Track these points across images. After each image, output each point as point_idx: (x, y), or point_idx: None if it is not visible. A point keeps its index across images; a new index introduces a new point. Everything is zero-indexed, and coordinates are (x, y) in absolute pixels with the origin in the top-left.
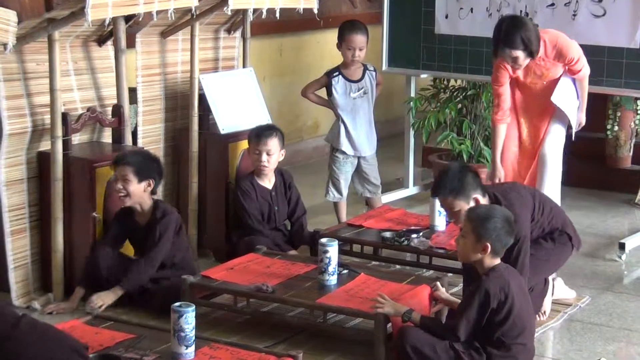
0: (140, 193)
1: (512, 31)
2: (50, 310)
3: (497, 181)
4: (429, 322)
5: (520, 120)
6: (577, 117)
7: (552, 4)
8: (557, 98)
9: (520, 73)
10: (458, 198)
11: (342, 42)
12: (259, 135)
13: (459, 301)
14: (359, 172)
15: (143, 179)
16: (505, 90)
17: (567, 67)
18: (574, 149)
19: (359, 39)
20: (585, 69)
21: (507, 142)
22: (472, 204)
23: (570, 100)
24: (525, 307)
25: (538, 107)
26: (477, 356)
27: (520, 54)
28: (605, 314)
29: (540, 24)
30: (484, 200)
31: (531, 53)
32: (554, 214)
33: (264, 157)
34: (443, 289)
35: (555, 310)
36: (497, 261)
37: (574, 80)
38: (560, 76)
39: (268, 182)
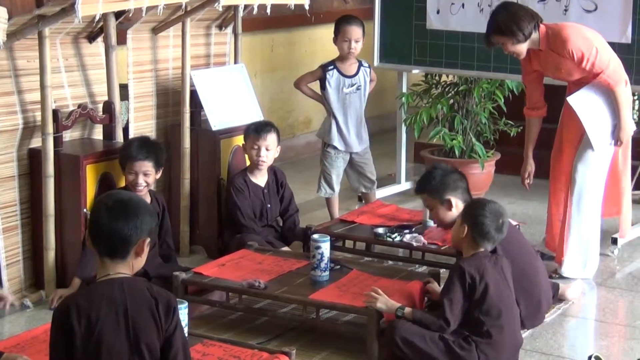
0: (155, 180)
1: (491, 18)
2: (54, 304)
3: (526, 175)
4: (420, 315)
5: (564, 122)
6: (612, 134)
7: None
8: (574, 100)
9: (535, 64)
10: (432, 196)
11: (338, 35)
12: (258, 130)
13: None
14: (354, 168)
15: (159, 168)
16: (530, 82)
17: (587, 68)
18: None
19: (355, 30)
20: (606, 75)
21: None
22: (445, 205)
23: (596, 112)
24: (505, 292)
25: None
26: (466, 345)
27: (502, 39)
28: (598, 309)
29: None
30: (460, 205)
31: (516, 38)
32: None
33: (263, 152)
34: (435, 285)
35: None
36: (481, 250)
37: (605, 93)
38: (585, 78)
39: (261, 179)
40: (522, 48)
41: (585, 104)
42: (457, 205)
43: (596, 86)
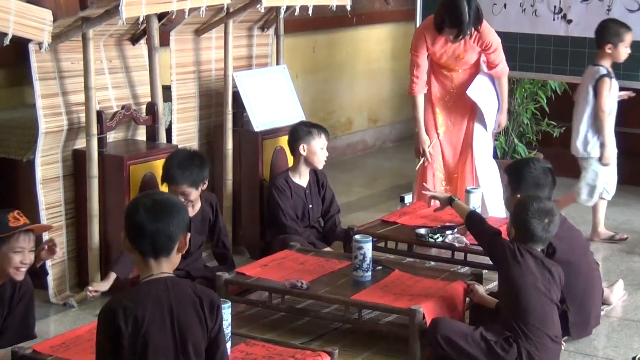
0: (198, 195)
1: (472, 9)
2: (92, 295)
3: (426, 147)
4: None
5: (435, 109)
6: (497, 118)
7: None
8: (473, 92)
9: (437, 49)
10: (509, 184)
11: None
12: (325, 130)
13: (495, 300)
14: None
15: (199, 184)
16: (423, 61)
17: (484, 56)
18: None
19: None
20: (503, 65)
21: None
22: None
23: (489, 99)
24: (546, 290)
25: (456, 101)
26: (507, 346)
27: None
28: None
29: (575, 19)
30: None
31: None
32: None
33: (325, 151)
34: (480, 287)
35: None
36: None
37: (492, 80)
38: (475, 69)
39: (303, 180)
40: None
41: (482, 95)
42: None
43: (486, 76)
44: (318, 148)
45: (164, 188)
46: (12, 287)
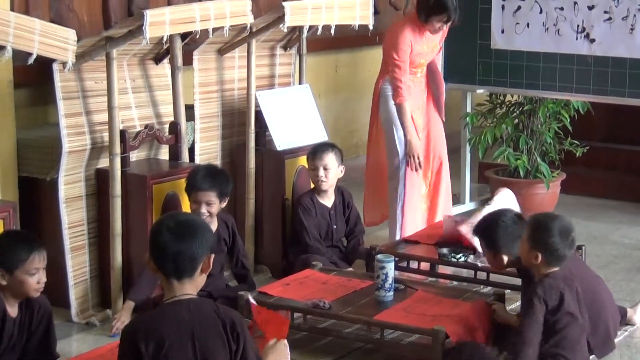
0: (218, 209)
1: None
2: (116, 329)
3: (420, 153)
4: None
5: (412, 116)
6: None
7: (610, 19)
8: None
9: (419, 47)
10: (487, 248)
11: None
12: (315, 151)
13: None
14: None
15: (223, 198)
16: (407, 65)
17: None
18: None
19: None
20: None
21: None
22: (496, 258)
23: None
24: (580, 314)
25: (420, 100)
26: None
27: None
28: None
29: (598, 38)
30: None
31: None
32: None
33: (321, 172)
34: (502, 307)
35: None
36: (555, 269)
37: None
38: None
39: (328, 200)
40: None
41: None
42: (510, 258)
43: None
44: (310, 169)
45: (186, 208)
46: (30, 311)
